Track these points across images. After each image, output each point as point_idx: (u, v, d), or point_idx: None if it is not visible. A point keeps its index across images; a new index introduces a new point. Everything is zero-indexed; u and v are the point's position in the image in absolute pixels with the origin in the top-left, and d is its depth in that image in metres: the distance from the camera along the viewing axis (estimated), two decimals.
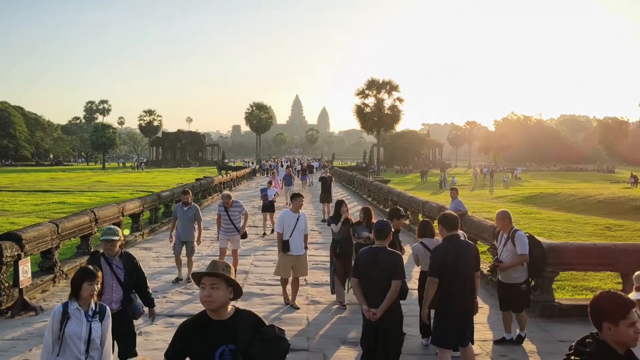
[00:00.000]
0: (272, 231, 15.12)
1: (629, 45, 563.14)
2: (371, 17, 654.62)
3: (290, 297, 8.45)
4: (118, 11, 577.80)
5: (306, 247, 8.50)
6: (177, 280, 9.74)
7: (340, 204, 8.92)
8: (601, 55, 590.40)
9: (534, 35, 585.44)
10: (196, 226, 10.15)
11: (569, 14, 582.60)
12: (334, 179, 31.57)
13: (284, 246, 8.22)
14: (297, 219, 8.29)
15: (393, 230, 5.82)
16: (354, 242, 8.23)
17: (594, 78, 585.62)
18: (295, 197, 8.53)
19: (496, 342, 6.72)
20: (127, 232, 9.07)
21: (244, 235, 10.27)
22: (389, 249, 5.17)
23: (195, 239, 10.11)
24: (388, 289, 4.94)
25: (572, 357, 2.72)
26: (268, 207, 16.30)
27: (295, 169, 45.46)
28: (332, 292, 8.72)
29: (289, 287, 8.55)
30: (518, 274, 6.54)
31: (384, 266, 4.98)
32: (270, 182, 18.31)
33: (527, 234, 6.76)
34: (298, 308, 8.26)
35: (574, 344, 2.80)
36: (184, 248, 10.07)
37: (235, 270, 9.22)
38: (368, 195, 27.45)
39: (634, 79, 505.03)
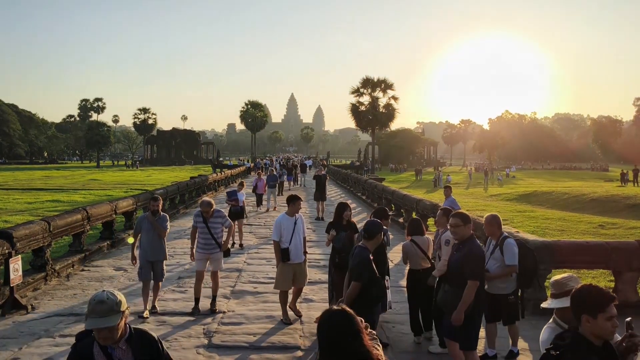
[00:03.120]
0: (241, 245, 13.29)
1: (623, 45, 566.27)
2: (366, 15, 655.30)
3: (289, 313, 7.62)
4: (112, 9, 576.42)
5: (306, 252, 7.72)
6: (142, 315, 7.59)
7: (343, 207, 7.74)
8: (596, 54, 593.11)
9: (529, 34, 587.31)
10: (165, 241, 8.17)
11: (563, 13, 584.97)
12: (328, 178, 31.57)
13: (284, 255, 7.35)
14: (295, 223, 7.48)
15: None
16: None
17: (589, 77, 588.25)
18: (293, 200, 7.59)
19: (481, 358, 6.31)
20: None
21: (227, 253, 8.21)
22: (362, 250, 5.18)
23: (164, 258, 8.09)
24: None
25: (552, 352, 2.76)
26: (239, 213, 13.73)
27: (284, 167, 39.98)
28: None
29: (289, 303, 7.71)
30: (506, 284, 6.06)
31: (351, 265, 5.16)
32: (241, 184, 15.49)
33: (518, 241, 6.26)
34: (300, 315, 7.67)
35: (553, 338, 2.85)
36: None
37: (215, 297, 8.05)
38: (362, 194, 27.46)
39: (628, 77, 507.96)
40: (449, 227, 5.53)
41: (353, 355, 2.36)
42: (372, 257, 5.24)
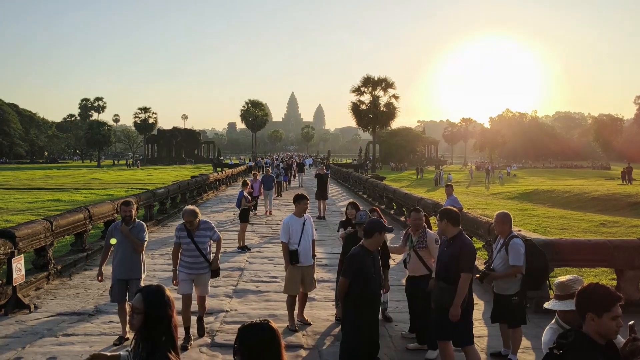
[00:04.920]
0: (244, 247, 12.80)
1: (624, 43, 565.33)
2: (367, 14, 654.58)
3: (296, 320, 7.31)
4: (113, 8, 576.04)
5: (314, 255, 7.40)
6: (122, 341, 6.54)
7: (353, 206, 7.83)
8: (596, 53, 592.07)
9: (529, 33, 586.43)
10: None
11: (564, 11, 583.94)
12: (329, 177, 31.52)
13: (292, 257, 7.04)
14: (304, 224, 7.20)
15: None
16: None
17: (589, 75, 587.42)
18: (299, 200, 7.34)
19: (492, 355, 6.35)
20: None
21: (217, 272, 6.87)
22: (357, 247, 5.13)
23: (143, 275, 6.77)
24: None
25: (555, 351, 2.76)
26: (247, 215, 13.69)
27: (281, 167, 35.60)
28: (336, 305, 7.61)
29: (296, 310, 7.37)
30: (508, 284, 5.98)
31: None
32: (245, 183, 15.01)
33: (528, 242, 6.16)
34: (310, 324, 7.31)
35: (556, 337, 2.85)
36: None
37: (202, 317, 6.94)
38: (364, 193, 27.46)
39: (628, 75, 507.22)
40: (437, 224, 5.58)
41: (162, 321, 2.75)
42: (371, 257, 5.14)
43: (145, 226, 6.91)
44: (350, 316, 5.03)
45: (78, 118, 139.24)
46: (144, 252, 6.80)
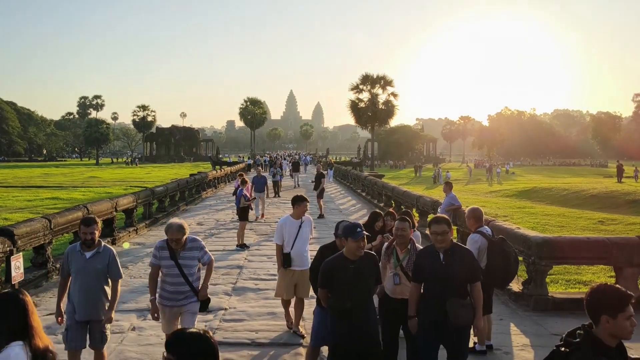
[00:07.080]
0: (244, 245, 12.70)
1: (623, 40, 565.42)
2: (365, 13, 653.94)
3: (293, 321, 7.01)
4: (112, 6, 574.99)
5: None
6: None
7: (376, 217, 6.80)
8: (595, 51, 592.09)
9: (528, 31, 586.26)
10: (108, 290, 5.08)
11: (563, 10, 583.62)
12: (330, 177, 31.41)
13: (285, 260, 6.70)
14: (300, 227, 6.77)
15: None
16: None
17: (588, 73, 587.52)
18: (297, 202, 6.84)
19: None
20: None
21: (206, 304, 5.47)
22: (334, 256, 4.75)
23: (105, 317, 5.02)
24: None
25: (562, 349, 2.73)
26: (246, 213, 13.68)
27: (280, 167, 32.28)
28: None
29: (291, 308, 7.05)
30: None
31: None
32: (244, 182, 14.82)
33: (498, 239, 5.90)
34: (304, 336, 6.73)
35: (564, 335, 2.80)
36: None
37: None
38: (362, 190, 27.46)
39: (627, 73, 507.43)
40: (432, 234, 4.62)
41: None
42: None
43: (114, 252, 5.16)
44: (330, 325, 4.75)
45: (76, 116, 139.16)
46: (119, 287, 5.20)
